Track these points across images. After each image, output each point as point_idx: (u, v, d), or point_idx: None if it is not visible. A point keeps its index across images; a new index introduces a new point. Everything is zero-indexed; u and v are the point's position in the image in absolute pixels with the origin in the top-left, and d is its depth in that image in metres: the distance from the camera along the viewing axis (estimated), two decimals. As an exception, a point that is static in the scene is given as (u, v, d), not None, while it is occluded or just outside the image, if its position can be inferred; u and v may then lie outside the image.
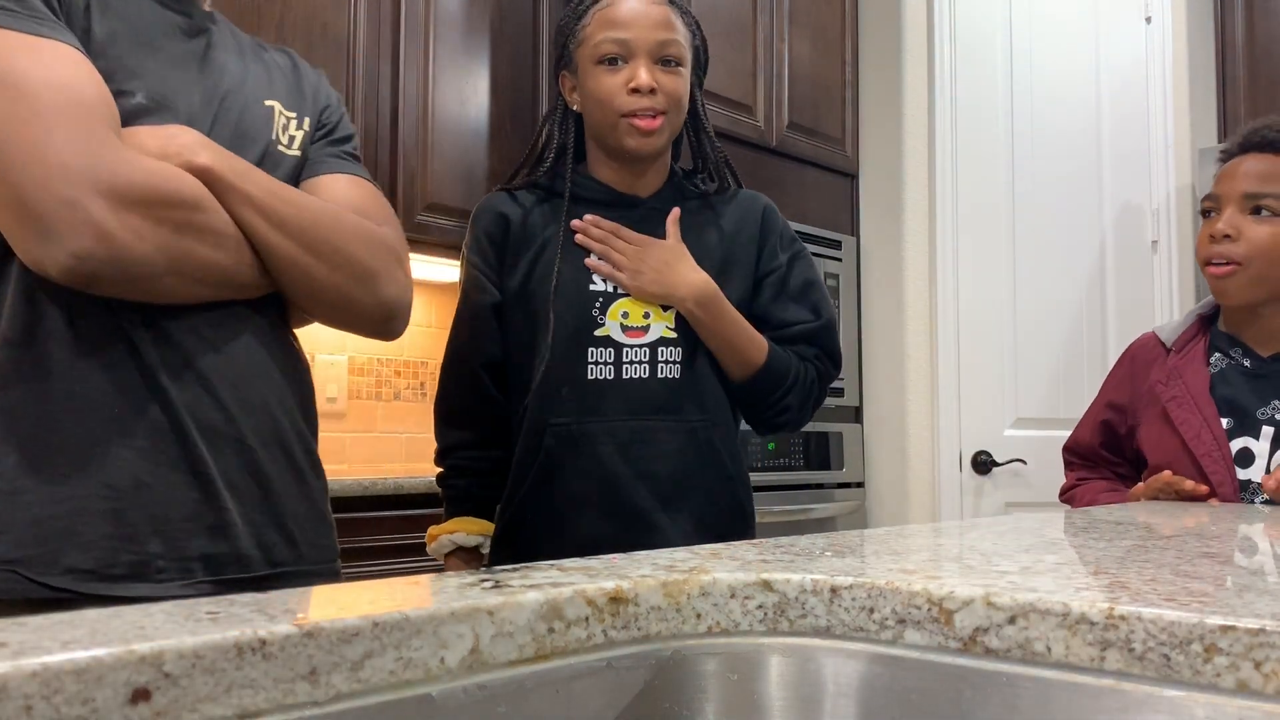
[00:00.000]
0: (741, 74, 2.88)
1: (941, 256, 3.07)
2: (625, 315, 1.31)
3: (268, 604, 0.46)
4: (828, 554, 0.65)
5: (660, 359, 1.30)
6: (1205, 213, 1.47)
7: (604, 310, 1.31)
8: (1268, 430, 1.37)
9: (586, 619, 0.50)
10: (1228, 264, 1.39)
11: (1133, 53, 3.23)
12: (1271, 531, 0.90)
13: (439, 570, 1.35)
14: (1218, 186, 1.45)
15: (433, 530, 1.39)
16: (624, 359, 1.29)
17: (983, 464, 2.99)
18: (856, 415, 3.15)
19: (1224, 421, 1.40)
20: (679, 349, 1.31)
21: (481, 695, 0.46)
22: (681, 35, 1.33)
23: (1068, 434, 1.71)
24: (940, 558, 0.65)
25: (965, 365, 3.05)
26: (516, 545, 1.32)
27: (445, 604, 0.46)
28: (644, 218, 1.35)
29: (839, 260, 3.11)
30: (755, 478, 2.81)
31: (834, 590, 0.54)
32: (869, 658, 0.52)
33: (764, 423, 1.39)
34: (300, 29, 2.39)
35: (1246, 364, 1.44)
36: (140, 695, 0.36)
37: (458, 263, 2.72)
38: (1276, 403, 1.40)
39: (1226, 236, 1.39)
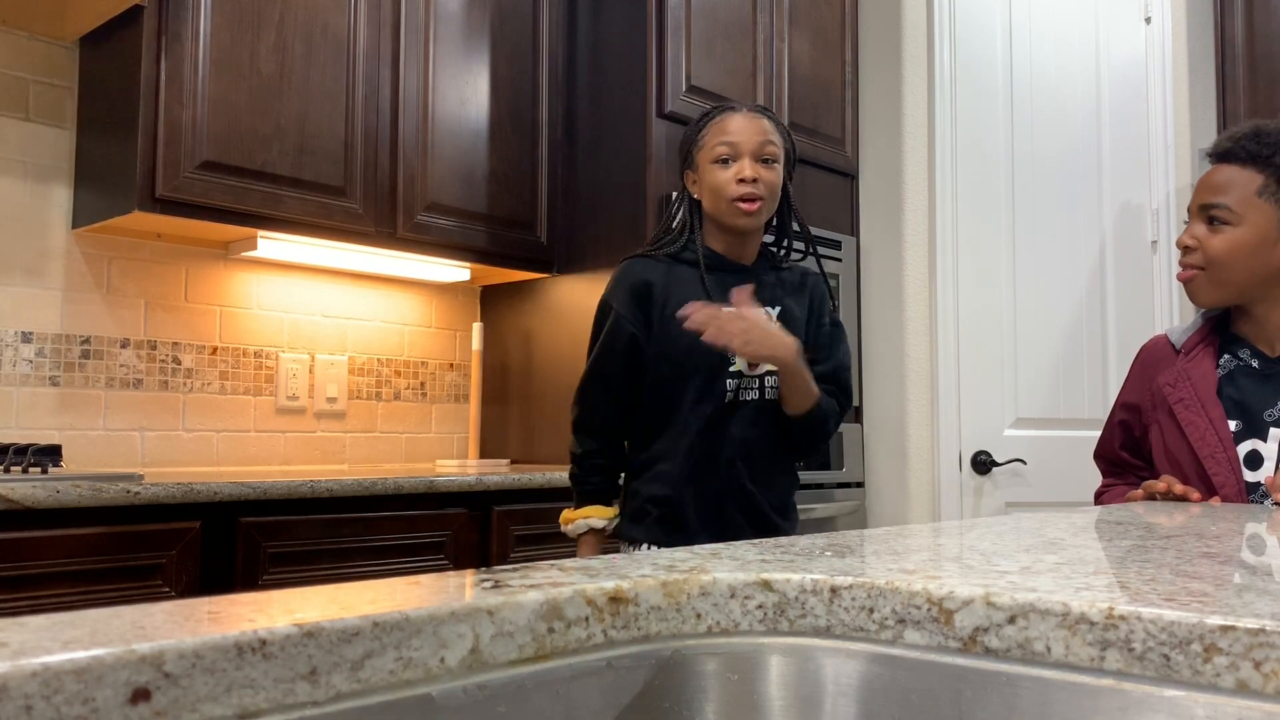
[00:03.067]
0: (741, 74, 2.88)
1: (941, 256, 3.06)
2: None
3: (268, 604, 0.46)
4: (828, 554, 0.65)
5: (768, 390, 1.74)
6: (1185, 223, 1.55)
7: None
8: (1275, 432, 1.38)
9: (586, 619, 0.50)
10: (1191, 270, 1.49)
11: (1133, 53, 3.23)
12: (1271, 532, 0.90)
13: (440, 570, 1.35)
14: (1192, 197, 1.53)
15: (568, 514, 1.77)
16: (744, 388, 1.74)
17: (983, 464, 2.99)
18: (856, 415, 3.15)
19: (1232, 424, 1.41)
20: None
21: (481, 695, 0.46)
22: (776, 140, 1.71)
23: (1068, 434, 1.72)
24: (940, 558, 0.65)
25: (965, 365, 3.05)
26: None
27: (445, 604, 0.46)
28: (747, 279, 1.71)
29: (839, 260, 3.10)
30: (755, 478, 2.81)
31: (834, 590, 0.54)
32: (869, 658, 0.52)
33: (807, 444, 1.76)
34: (300, 29, 2.39)
35: (1255, 365, 1.45)
36: (140, 695, 0.36)
37: (457, 262, 2.74)
38: None
39: (1187, 247, 1.49)
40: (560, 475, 2.36)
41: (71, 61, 2.39)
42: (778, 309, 1.75)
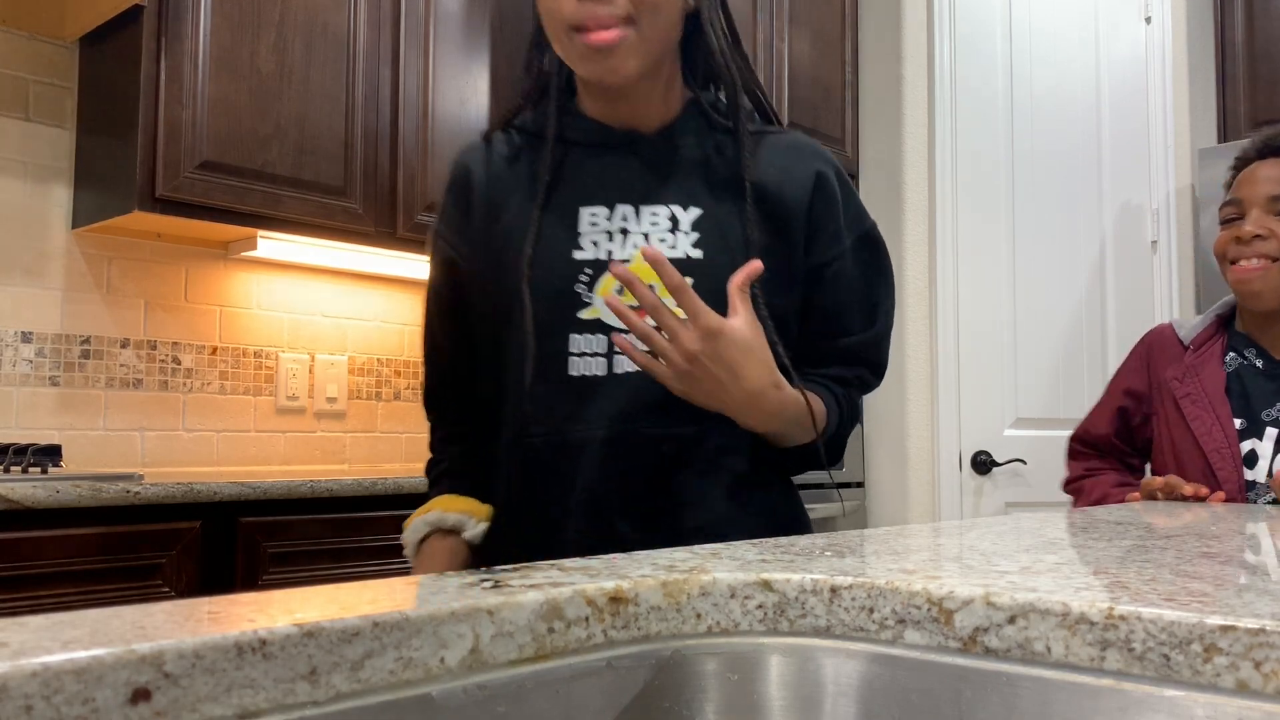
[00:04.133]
0: (741, 74, 2.88)
1: (941, 256, 3.06)
2: (621, 291, 1.01)
3: (268, 604, 0.46)
4: (828, 554, 0.65)
5: None
6: (1228, 219, 1.48)
7: (592, 285, 1.02)
8: (1271, 432, 1.39)
9: (586, 619, 0.50)
10: (1261, 261, 1.42)
11: (1133, 53, 3.23)
12: (1272, 532, 0.90)
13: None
14: (1239, 191, 1.47)
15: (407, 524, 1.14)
16: (618, 350, 0.98)
17: (983, 464, 2.99)
18: (856, 415, 3.15)
19: (1237, 422, 1.42)
20: None
21: (481, 695, 0.46)
22: None
23: (1068, 434, 1.71)
24: (940, 558, 0.65)
25: (965, 365, 3.05)
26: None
27: (445, 604, 0.46)
28: (649, 161, 1.05)
29: (839, 260, 3.10)
30: (755, 478, 2.81)
31: (834, 590, 0.54)
32: (869, 658, 0.52)
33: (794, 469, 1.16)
34: (300, 29, 2.39)
35: (1260, 365, 1.46)
36: (140, 695, 0.36)
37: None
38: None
39: (1258, 236, 1.42)
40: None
41: (71, 61, 2.39)
42: (696, 212, 1.03)
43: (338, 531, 2.05)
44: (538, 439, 1.03)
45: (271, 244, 2.43)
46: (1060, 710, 0.46)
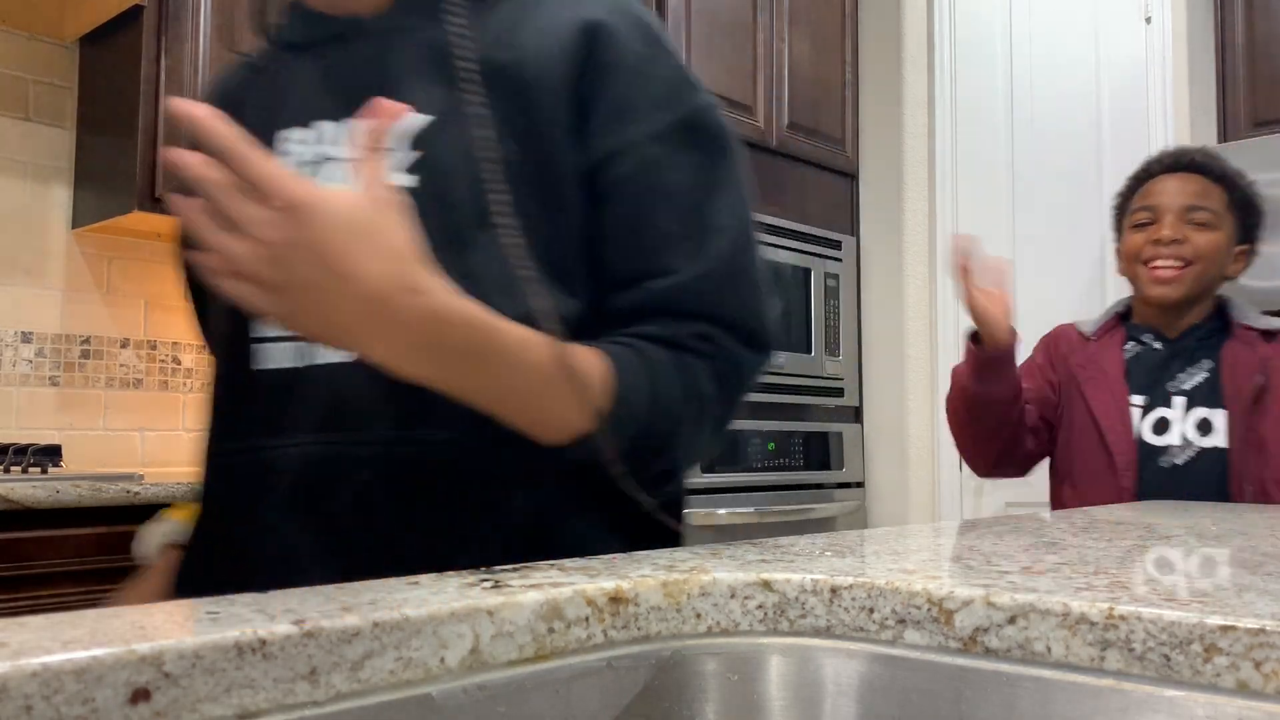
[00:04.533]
0: (741, 74, 2.88)
1: (941, 256, 3.07)
2: None
3: (268, 604, 0.46)
4: (828, 554, 0.65)
5: None
6: (1140, 224, 1.62)
7: None
8: (1177, 400, 1.56)
9: (586, 619, 0.50)
10: (1177, 265, 1.58)
11: (1133, 53, 3.23)
12: (1272, 532, 0.90)
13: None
14: (1151, 200, 1.62)
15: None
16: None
17: (983, 464, 2.99)
18: (856, 415, 3.15)
19: (1140, 398, 1.58)
20: None
21: (481, 695, 0.46)
22: None
23: None
24: (940, 558, 0.65)
25: (965, 365, 3.05)
26: None
27: (445, 604, 0.46)
28: (365, 56, 0.77)
29: (839, 260, 3.10)
30: (756, 478, 2.82)
31: (834, 590, 0.54)
32: (869, 658, 0.52)
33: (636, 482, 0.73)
34: (300, 29, 2.39)
35: (1158, 347, 1.63)
36: (140, 695, 0.36)
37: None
38: (1180, 375, 1.59)
39: (1176, 241, 1.57)
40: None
41: (71, 61, 2.39)
42: (420, 121, 0.72)
43: (338, 531, 2.05)
44: (221, 460, 0.78)
45: (271, 244, 2.43)
46: (1060, 710, 0.46)
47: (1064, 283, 3.11)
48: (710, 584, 0.55)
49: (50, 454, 1.90)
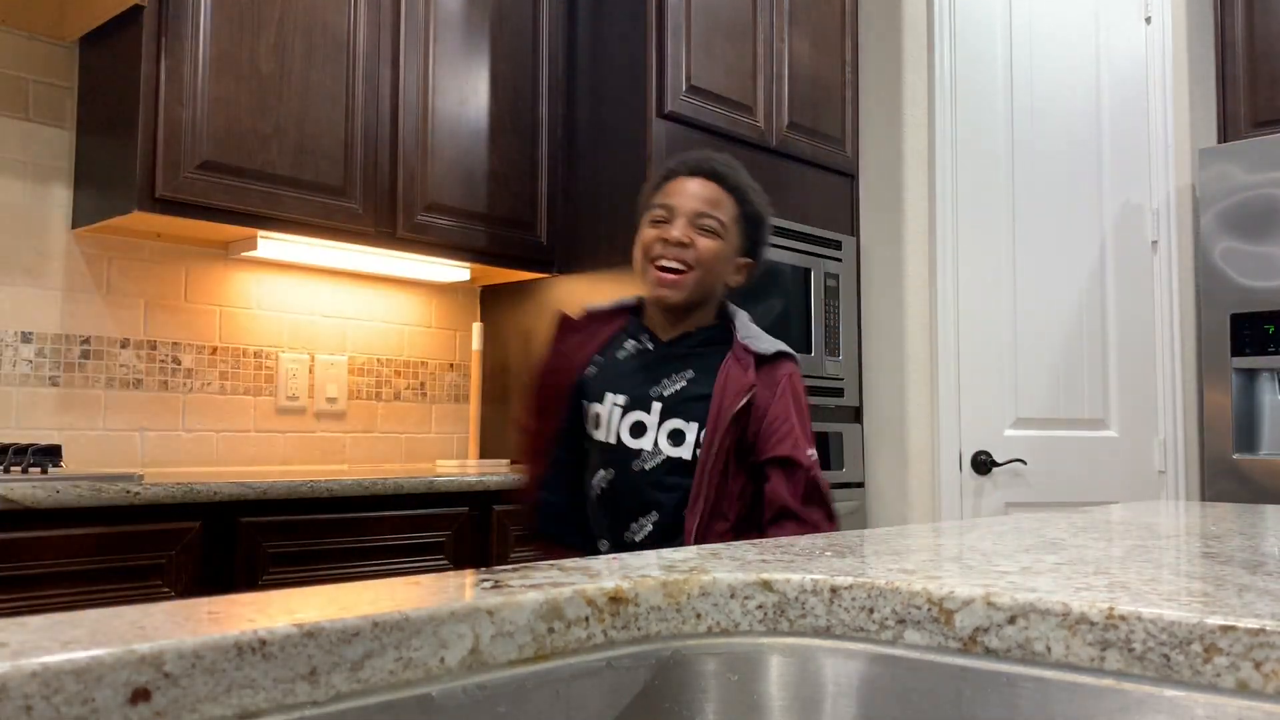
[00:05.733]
0: (741, 74, 2.88)
1: (941, 256, 3.07)
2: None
3: (268, 604, 0.46)
4: (828, 554, 0.65)
5: None
6: (657, 221, 1.63)
7: None
8: (656, 406, 1.58)
9: (586, 619, 0.50)
10: (681, 267, 1.59)
11: (1133, 53, 3.23)
12: (1272, 532, 0.90)
13: (440, 570, 1.34)
14: (670, 199, 1.62)
15: None
16: None
17: (983, 464, 2.99)
18: (856, 415, 3.15)
19: (622, 398, 1.60)
20: None
21: (481, 695, 0.46)
22: None
23: (1068, 434, 1.73)
24: (940, 558, 0.65)
25: (965, 365, 3.04)
26: None
27: (445, 604, 0.46)
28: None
29: (839, 260, 3.10)
30: (755, 478, 2.80)
31: (834, 590, 0.54)
32: (869, 658, 0.52)
33: None
34: (300, 29, 2.39)
35: (650, 348, 1.64)
36: (140, 695, 0.36)
37: (457, 262, 2.74)
38: (666, 381, 1.60)
39: (682, 244, 1.58)
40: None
41: (71, 61, 2.39)
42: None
43: (338, 531, 2.05)
44: None
45: (271, 244, 2.43)
46: (1060, 710, 0.46)
47: (1064, 283, 3.11)
48: (710, 584, 0.55)
49: (50, 454, 1.90)
